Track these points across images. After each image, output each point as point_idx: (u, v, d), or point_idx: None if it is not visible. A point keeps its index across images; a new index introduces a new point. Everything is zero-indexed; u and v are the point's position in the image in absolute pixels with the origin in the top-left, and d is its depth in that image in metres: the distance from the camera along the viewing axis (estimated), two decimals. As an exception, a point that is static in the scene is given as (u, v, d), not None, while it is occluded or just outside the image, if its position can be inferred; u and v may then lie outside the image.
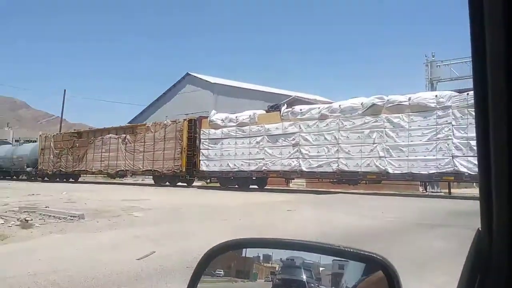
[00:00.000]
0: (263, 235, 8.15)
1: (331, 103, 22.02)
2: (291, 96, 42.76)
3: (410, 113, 17.77)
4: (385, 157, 18.11)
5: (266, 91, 54.30)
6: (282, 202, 15.56)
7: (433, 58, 32.18)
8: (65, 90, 52.44)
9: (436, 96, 17.46)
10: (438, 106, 17.09)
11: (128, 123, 44.30)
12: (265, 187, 24.26)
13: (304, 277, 1.48)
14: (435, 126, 17.10)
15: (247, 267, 1.60)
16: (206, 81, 52.03)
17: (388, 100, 18.43)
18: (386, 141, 18.14)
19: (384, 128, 18.25)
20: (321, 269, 1.48)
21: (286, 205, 14.22)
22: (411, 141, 17.54)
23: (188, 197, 18.47)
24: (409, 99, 17.90)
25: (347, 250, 1.35)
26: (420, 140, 17.35)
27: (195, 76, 53.88)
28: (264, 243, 1.63)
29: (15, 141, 44.43)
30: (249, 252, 1.66)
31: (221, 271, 1.59)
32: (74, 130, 42.78)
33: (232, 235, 7.26)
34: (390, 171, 18.00)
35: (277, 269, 1.55)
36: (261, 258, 1.59)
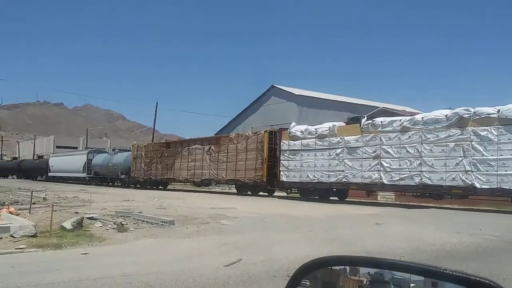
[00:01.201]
0: (350, 249, 7.93)
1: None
2: (378, 107, 41.13)
3: (499, 126, 16.60)
4: (472, 171, 17.00)
5: (351, 102, 53.01)
6: (369, 215, 14.99)
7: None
8: (157, 103, 54.21)
9: (527, 107, 16.21)
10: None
11: (215, 134, 45.13)
12: (346, 199, 23.77)
13: None
14: (526, 139, 15.89)
15: (334, 279, 1.56)
16: (291, 93, 51.80)
17: (475, 112, 17.33)
18: (473, 154, 17.04)
19: (471, 141, 17.15)
20: (412, 285, 1.39)
21: (373, 219, 13.65)
22: (501, 155, 16.33)
23: (272, 207, 18.41)
24: (498, 111, 16.71)
25: (453, 274, 1.23)
26: (511, 154, 16.13)
27: (279, 88, 53.87)
28: (355, 261, 1.59)
29: (112, 150, 47.02)
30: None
31: (307, 282, 1.56)
32: (166, 140, 44.60)
33: (318, 247, 7.37)
34: (478, 186, 16.84)
35: (365, 283, 1.50)
36: (348, 270, 1.55)
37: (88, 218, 11.98)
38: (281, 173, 24.84)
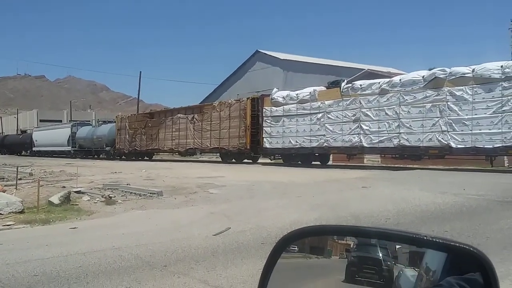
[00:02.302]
0: (338, 213, 7.93)
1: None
2: (363, 69, 40.61)
3: (474, 85, 16.67)
4: (448, 131, 17.21)
5: (337, 65, 52.01)
6: (356, 178, 14.85)
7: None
8: (140, 72, 53.17)
9: (501, 66, 16.21)
10: (503, 77, 15.98)
11: (200, 102, 44.40)
12: (328, 163, 23.95)
13: (380, 255, 1.42)
14: (500, 98, 16.00)
15: (322, 243, 1.55)
16: (275, 57, 50.79)
17: (450, 72, 17.37)
18: (449, 114, 17.21)
19: (447, 101, 17.29)
20: (397, 246, 1.40)
21: (360, 182, 13.49)
22: (475, 114, 16.50)
23: (258, 174, 18.36)
24: (473, 70, 16.75)
25: (434, 240, 1.23)
26: (485, 113, 16.29)
27: (264, 53, 52.74)
28: (341, 231, 1.58)
29: (102, 121, 46.34)
30: (323, 227, 1.66)
31: (295, 247, 1.54)
32: (150, 110, 44.09)
33: (305, 213, 7.57)
34: (453, 145, 17.10)
35: (352, 246, 1.49)
36: (334, 235, 1.55)
37: (75, 192, 11.90)
38: (264, 139, 24.90)
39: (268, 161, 26.66)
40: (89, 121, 55.96)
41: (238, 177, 16.62)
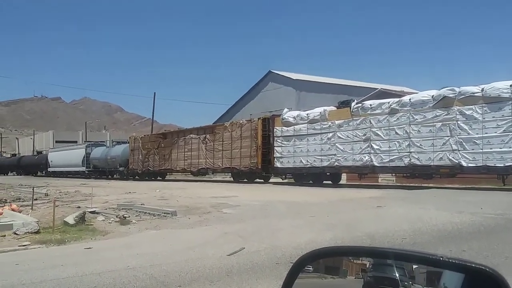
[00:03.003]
0: (353, 233, 7.74)
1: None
2: (376, 89, 40.18)
3: (483, 104, 16.63)
4: (458, 150, 17.09)
5: (350, 85, 51.89)
6: (371, 198, 14.64)
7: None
8: (154, 93, 53.49)
9: (510, 86, 16.15)
10: (512, 96, 15.93)
11: (214, 122, 44.49)
12: (340, 183, 23.78)
13: (396, 275, 1.40)
14: (510, 117, 15.89)
15: (337, 263, 1.54)
16: (288, 77, 50.81)
17: (459, 91, 17.35)
18: (459, 133, 17.11)
19: (457, 120, 17.23)
20: (414, 266, 1.38)
21: (374, 201, 13.32)
22: (485, 133, 16.41)
23: (270, 194, 18.25)
24: (482, 89, 16.71)
25: (451, 261, 1.23)
26: (495, 132, 16.20)
27: (277, 74, 52.81)
28: (357, 251, 1.58)
29: (116, 142, 46.65)
30: (337, 247, 1.65)
31: (310, 267, 1.53)
32: (164, 130, 44.32)
33: (320, 233, 7.41)
34: (464, 164, 16.95)
35: (367, 266, 1.48)
36: (350, 256, 1.55)
37: (90, 212, 11.91)
38: (275, 159, 24.87)
39: (280, 180, 26.53)
40: (104, 142, 56.28)
41: (251, 196, 16.51)
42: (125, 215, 11.72)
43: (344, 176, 25.02)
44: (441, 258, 1.23)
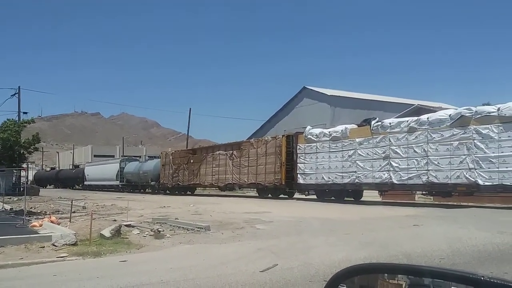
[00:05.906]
0: (388, 252, 7.59)
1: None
2: (413, 105, 38.19)
3: (499, 124, 16.47)
4: (475, 169, 16.90)
5: (386, 101, 49.70)
6: (407, 216, 14.11)
7: None
8: (190, 109, 52.58)
9: (526, 105, 16.01)
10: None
11: (248, 138, 43.54)
12: (361, 199, 23.53)
13: None
14: (526, 137, 15.71)
15: (372, 283, 1.46)
16: (323, 93, 49.21)
17: (476, 111, 17.28)
18: (476, 152, 16.94)
19: (473, 139, 17.08)
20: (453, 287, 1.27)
21: (411, 220, 12.83)
22: (502, 152, 16.23)
23: (302, 210, 17.92)
24: (498, 109, 16.60)
25: (492, 281, 1.15)
26: (511, 151, 16.01)
27: (311, 90, 51.30)
28: (393, 269, 1.48)
29: (149, 157, 46.72)
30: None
31: (344, 286, 1.48)
32: (199, 146, 44.47)
33: (354, 251, 7.26)
34: (481, 183, 16.72)
35: (403, 287, 1.39)
36: (387, 274, 1.46)
37: (125, 225, 11.86)
38: (298, 175, 24.96)
39: (303, 196, 26.45)
40: (138, 156, 56.92)
41: (284, 212, 16.19)
42: (159, 229, 11.55)
43: (368, 193, 24.50)
44: (482, 278, 1.15)
